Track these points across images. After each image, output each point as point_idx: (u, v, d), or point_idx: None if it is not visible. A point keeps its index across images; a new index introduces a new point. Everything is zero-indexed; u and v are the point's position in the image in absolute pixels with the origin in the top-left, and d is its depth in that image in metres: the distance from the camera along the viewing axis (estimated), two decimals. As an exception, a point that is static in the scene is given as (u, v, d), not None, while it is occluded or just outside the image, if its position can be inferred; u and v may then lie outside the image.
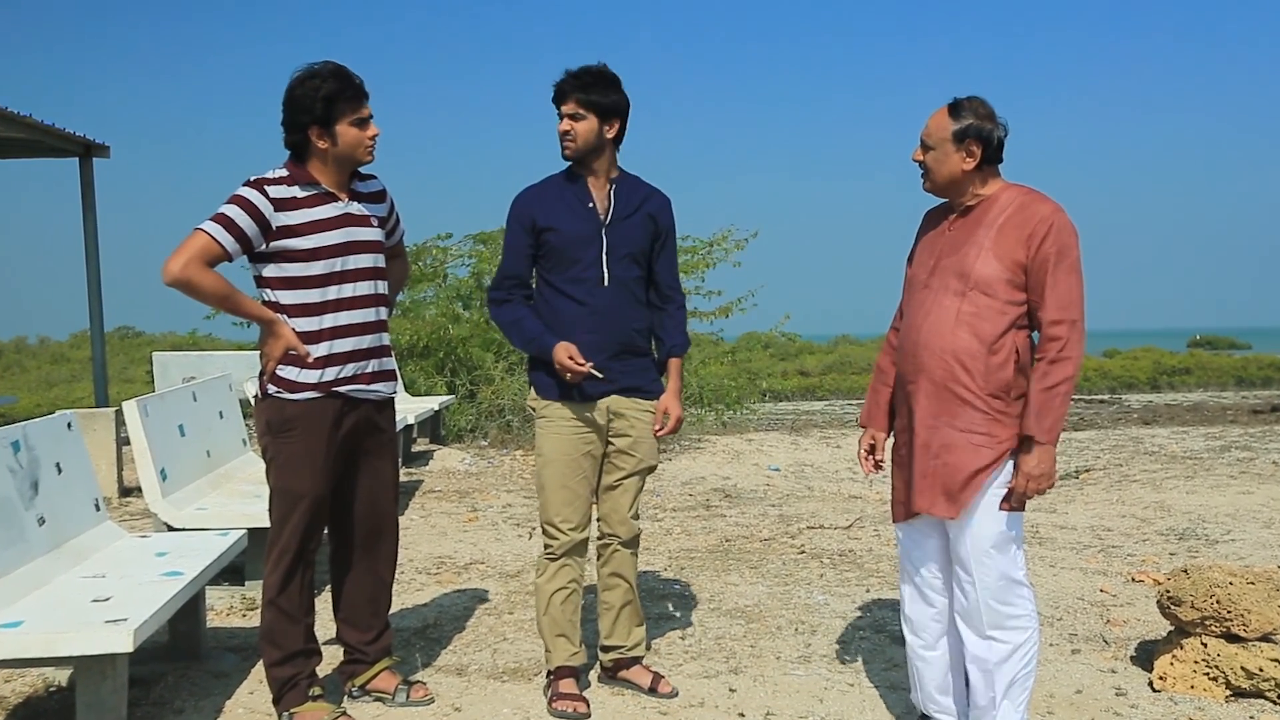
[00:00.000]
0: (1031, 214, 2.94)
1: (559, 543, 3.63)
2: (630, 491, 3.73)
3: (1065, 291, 2.89)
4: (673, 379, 3.74)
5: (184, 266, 3.20)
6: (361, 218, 3.46)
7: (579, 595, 3.73)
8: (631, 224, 3.59)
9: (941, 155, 3.00)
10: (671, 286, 3.73)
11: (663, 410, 3.69)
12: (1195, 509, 6.97)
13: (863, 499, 7.66)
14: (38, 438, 3.88)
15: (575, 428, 3.60)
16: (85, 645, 3.11)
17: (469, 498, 7.72)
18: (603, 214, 3.57)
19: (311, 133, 3.33)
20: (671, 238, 3.73)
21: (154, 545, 4.19)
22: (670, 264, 3.73)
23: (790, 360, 23.52)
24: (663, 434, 3.68)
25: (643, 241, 3.61)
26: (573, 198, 3.57)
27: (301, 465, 3.39)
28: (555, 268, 3.57)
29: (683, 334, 3.76)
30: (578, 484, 3.62)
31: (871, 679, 3.90)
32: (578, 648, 3.72)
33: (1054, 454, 2.94)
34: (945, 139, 2.98)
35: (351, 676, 3.71)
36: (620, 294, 3.57)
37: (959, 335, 2.96)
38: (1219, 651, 3.65)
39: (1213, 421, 12.75)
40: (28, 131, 8.20)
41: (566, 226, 3.54)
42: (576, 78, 3.50)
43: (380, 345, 3.53)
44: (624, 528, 3.74)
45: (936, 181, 3.04)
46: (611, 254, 3.55)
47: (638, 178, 3.70)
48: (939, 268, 3.05)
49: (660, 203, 3.67)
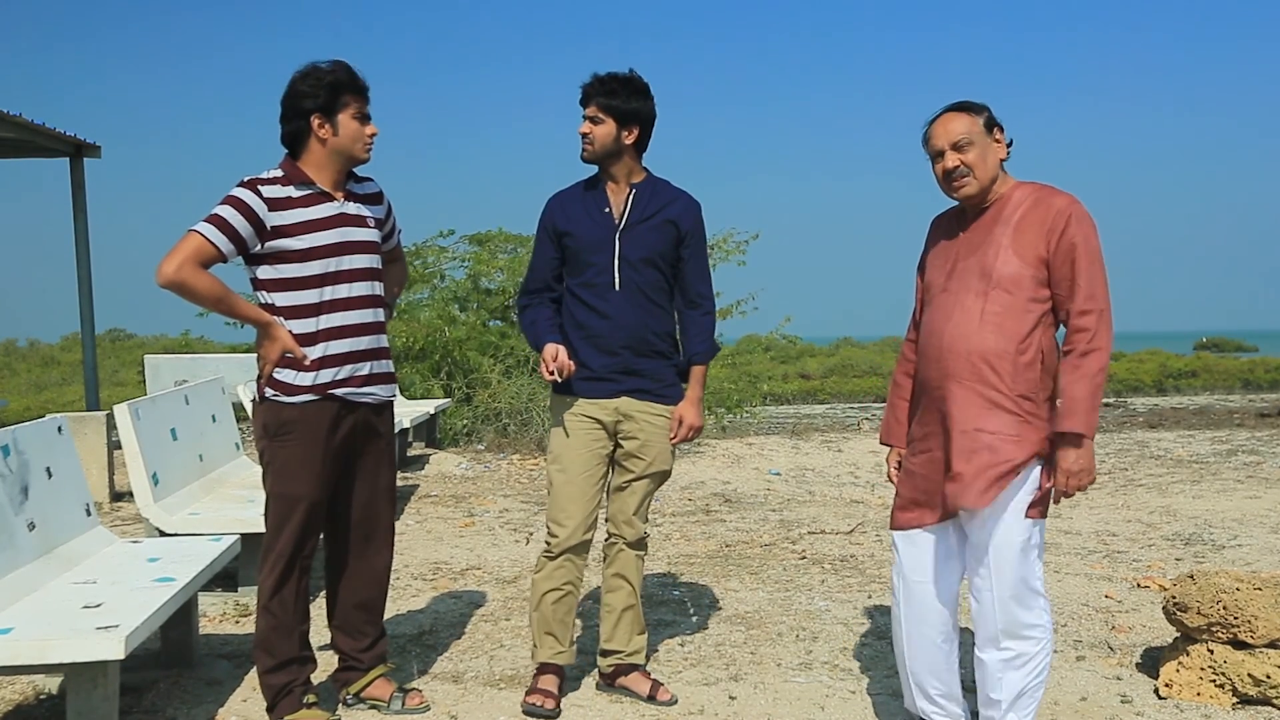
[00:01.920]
0: (1048, 207, 2.91)
1: (558, 540, 3.63)
2: (637, 494, 3.69)
3: (1090, 281, 2.85)
4: (693, 386, 3.70)
5: (178, 268, 3.18)
6: (357, 218, 3.43)
7: (574, 597, 3.70)
8: (648, 228, 3.58)
9: (983, 148, 2.95)
10: (700, 292, 3.70)
11: (678, 417, 3.66)
12: (1201, 514, 6.93)
13: (864, 504, 7.61)
14: (27, 442, 3.84)
15: (585, 427, 3.61)
16: (76, 652, 3.08)
17: (465, 502, 7.68)
18: (618, 219, 3.59)
19: (314, 120, 3.32)
20: (699, 242, 3.69)
21: (145, 551, 4.15)
22: (698, 269, 3.69)
23: (791, 363, 23.49)
24: (675, 441, 3.66)
25: (660, 246, 3.59)
26: (591, 203, 3.62)
27: (299, 469, 3.35)
28: (573, 271, 3.64)
29: (707, 341, 3.72)
30: (583, 483, 3.60)
31: (874, 686, 3.86)
32: (564, 647, 3.70)
33: (1093, 449, 2.89)
34: (979, 131, 2.94)
35: (346, 684, 3.66)
36: (633, 298, 3.56)
37: (985, 336, 2.91)
38: (1226, 658, 3.61)
39: (1219, 425, 12.70)
40: (18, 131, 8.17)
41: (582, 231, 3.59)
42: (602, 82, 3.53)
43: (378, 347, 3.49)
44: (628, 528, 3.70)
45: (984, 178, 2.96)
46: (624, 259, 3.56)
47: (666, 182, 3.69)
48: (957, 270, 3.00)
49: (684, 207, 3.65)
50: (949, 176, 2.98)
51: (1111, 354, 2.95)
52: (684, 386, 3.72)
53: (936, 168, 3.01)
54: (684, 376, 3.72)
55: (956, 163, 2.95)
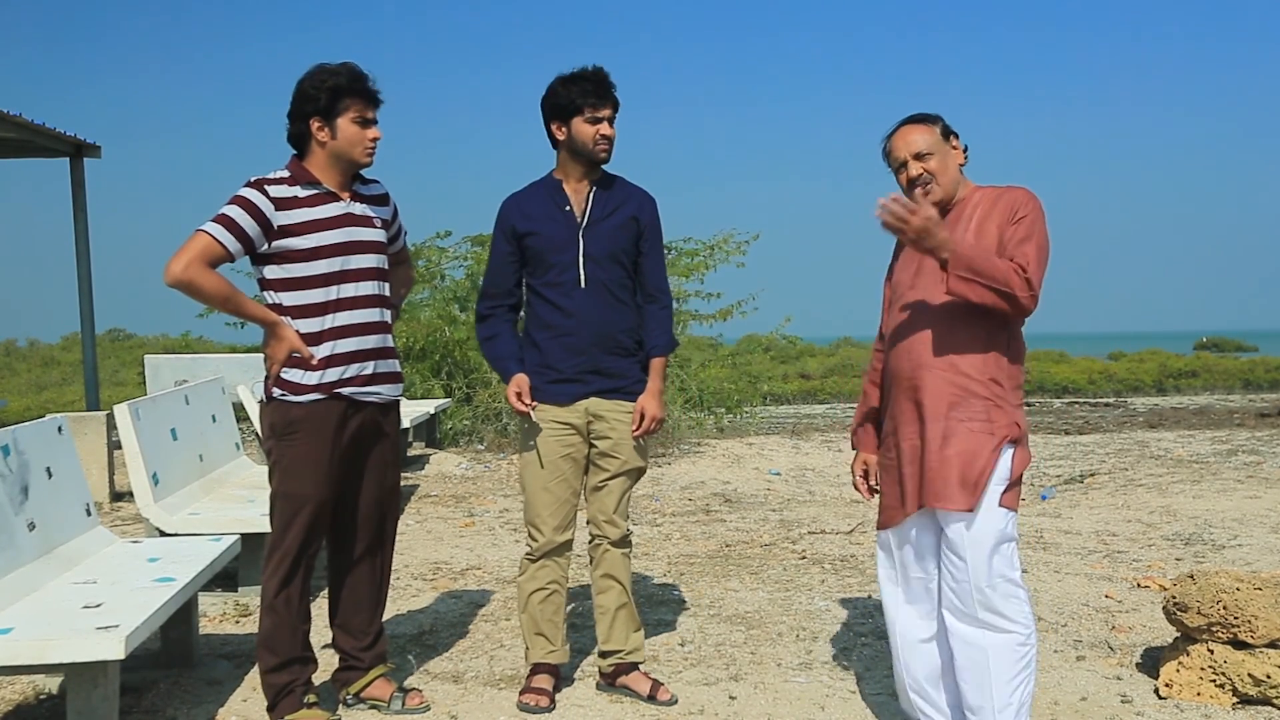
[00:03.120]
0: (1004, 201, 3.01)
1: (539, 544, 3.66)
2: (615, 493, 3.69)
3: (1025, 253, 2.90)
4: (653, 378, 3.71)
5: (185, 267, 3.20)
6: (363, 218, 3.45)
7: (560, 596, 3.73)
8: (610, 225, 3.61)
9: (943, 157, 3.05)
10: (658, 287, 3.73)
11: (640, 410, 3.66)
12: (1201, 514, 6.92)
13: (864, 504, 7.61)
14: (28, 442, 3.84)
15: (556, 430, 3.61)
16: (76, 652, 3.08)
17: (465, 502, 7.68)
18: (580, 217, 3.60)
19: (313, 123, 3.34)
20: (656, 237, 3.73)
21: (145, 551, 4.15)
22: (656, 264, 3.73)
23: (791, 363, 23.46)
24: (639, 433, 3.66)
25: (623, 242, 3.63)
26: (551, 202, 3.63)
27: (306, 468, 3.36)
28: (536, 272, 3.64)
29: (667, 334, 3.74)
30: (558, 486, 3.63)
31: (873, 686, 3.86)
32: (556, 645, 3.72)
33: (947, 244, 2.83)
34: (936, 140, 3.04)
35: (346, 684, 3.66)
36: (599, 296, 3.59)
37: (955, 327, 2.98)
38: (1226, 658, 3.61)
39: (1219, 425, 12.70)
40: (18, 131, 8.17)
41: (545, 230, 3.59)
42: (609, 80, 3.57)
43: (384, 347, 3.51)
44: (610, 527, 3.70)
45: (947, 185, 3.06)
46: (589, 256, 3.57)
47: (622, 179, 3.72)
48: (924, 269, 3.07)
49: (642, 202, 3.69)
50: (913, 184, 3.05)
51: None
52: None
53: (900, 178, 3.10)
54: (644, 370, 3.73)
55: (920, 170, 3.03)
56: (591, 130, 3.54)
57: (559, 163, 3.66)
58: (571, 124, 3.55)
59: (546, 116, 3.61)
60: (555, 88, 3.57)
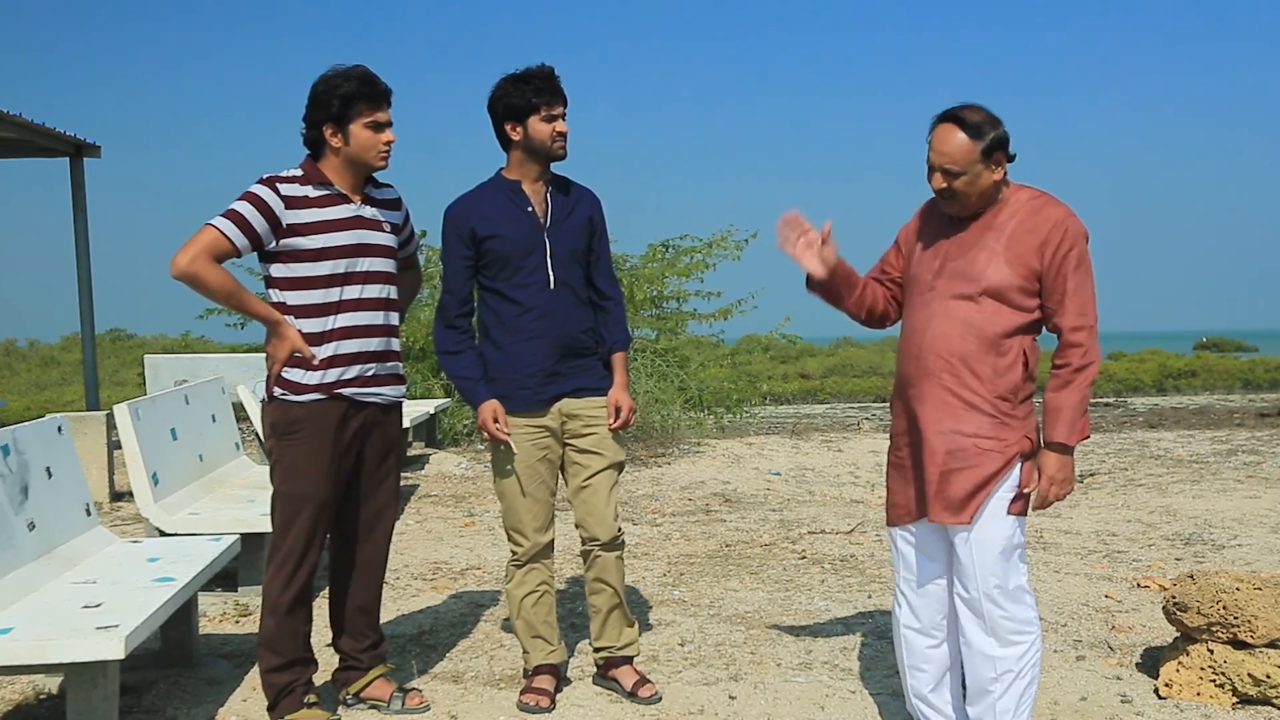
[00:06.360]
0: (1044, 219, 2.91)
1: (524, 549, 3.66)
2: (602, 490, 3.68)
3: (1081, 298, 2.89)
4: (618, 373, 3.73)
5: (191, 260, 3.22)
6: (374, 221, 3.46)
7: (551, 596, 3.74)
8: (571, 225, 3.64)
9: (972, 178, 2.90)
10: (610, 282, 3.78)
11: (613, 404, 3.67)
12: (1201, 513, 6.92)
13: (864, 503, 7.61)
14: (27, 442, 3.84)
15: (531, 434, 3.61)
16: (76, 652, 3.08)
17: (465, 502, 7.68)
18: (542, 217, 3.60)
19: (326, 129, 3.35)
20: (605, 236, 3.78)
21: (145, 551, 4.15)
22: (606, 262, 3.78)
23: (791, 363, 23.47)
24: (618, 426, 3.67)
25: (583, 241, 3.67)
26: (511, 204, 3.60)
27: (306, 468, 3.37)
28: (500, 274, 3.59)
29: (623, 329, 3.79)
30: (536, 489, 3.63)
31: (874, 686, 3.85)
32: (555, 645, 3.74)
33: (1073, 461, 2.95)
34: (973, 161, 2.88)
35: (346, 684, 3.66)
36: (566, 295, 3.60)
37: (968, 339, 2.93)
38: (1226, 658, 3.61)
39: (1219, 425, 12.69)
40: (18, 131, 8.17)
41: (510, 233, 3.56)
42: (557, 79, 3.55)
43: (389, 349, 3.51)
44: (602, 529, 3.68)
45: (969, 204, 2.95)
46: (555, 256, 3.59)
47: (567, 178, 3.73)
48: (946, 270, 3.00)
49: (593, 202, 3.74)
50: (936, 191, 2.98)
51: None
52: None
53: (929, 175, 2.99)
54: (606, 367, 3.75)
55: (943, 185, 2.93)
56: (548, 128, 3.52)
57: (512, 163, 3.62)
58: (527, 123, 3.53)
59: (500, 117, 3.56)
60: (507, 88, 3.53)
